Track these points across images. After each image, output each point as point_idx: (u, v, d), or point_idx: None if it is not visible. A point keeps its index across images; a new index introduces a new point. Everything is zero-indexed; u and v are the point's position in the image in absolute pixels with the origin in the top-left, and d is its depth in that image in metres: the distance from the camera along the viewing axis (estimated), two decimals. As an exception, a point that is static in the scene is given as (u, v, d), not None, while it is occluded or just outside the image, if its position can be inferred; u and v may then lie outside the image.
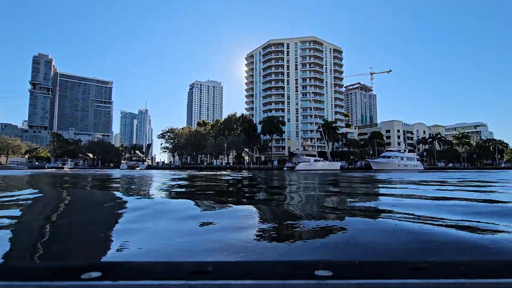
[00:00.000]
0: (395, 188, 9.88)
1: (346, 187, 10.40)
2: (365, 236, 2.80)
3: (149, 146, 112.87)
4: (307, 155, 67.65)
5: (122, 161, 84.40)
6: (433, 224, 3.21)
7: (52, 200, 6.31)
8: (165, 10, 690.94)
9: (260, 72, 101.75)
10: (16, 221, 3.70)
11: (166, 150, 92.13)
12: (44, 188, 9.94)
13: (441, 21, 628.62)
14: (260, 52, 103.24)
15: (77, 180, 15.18)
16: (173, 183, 12.57)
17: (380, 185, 11.08)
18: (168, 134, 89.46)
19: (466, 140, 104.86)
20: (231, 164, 74.93)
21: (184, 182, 13.53)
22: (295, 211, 4.63)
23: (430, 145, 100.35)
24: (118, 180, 15.20)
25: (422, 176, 20.62)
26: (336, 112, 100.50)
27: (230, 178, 17.27)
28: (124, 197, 6.57)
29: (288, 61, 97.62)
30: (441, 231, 2.90)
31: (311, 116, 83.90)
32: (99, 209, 5.00)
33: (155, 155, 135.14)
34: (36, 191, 8.33)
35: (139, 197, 6.84)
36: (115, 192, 7.98)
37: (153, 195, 7.48)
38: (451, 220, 3.49)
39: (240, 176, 19.33)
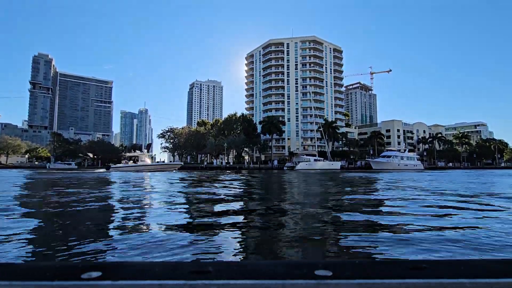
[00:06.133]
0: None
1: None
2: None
3: (149, 145, 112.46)
4: (307, 155, 67.68)
5: (122, 161, 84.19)
6: None
7: None
8: (166, 10, 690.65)
9: (260, 72, 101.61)
10: None
11: (166, 149, 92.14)
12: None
13: (441, 21, 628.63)
14: (260, 51, 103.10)
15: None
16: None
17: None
18: (168, 133, 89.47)
19: (466, 140, 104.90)
20: (231, 163, 74.90)
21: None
22: None
23: (430, 145, 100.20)
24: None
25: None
26: (336, 112, 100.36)
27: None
28: None
29: (288, 61, 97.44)
30: None
31: (311, 115, 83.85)
32: None
33: (155, 154, 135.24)
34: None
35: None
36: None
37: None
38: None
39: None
